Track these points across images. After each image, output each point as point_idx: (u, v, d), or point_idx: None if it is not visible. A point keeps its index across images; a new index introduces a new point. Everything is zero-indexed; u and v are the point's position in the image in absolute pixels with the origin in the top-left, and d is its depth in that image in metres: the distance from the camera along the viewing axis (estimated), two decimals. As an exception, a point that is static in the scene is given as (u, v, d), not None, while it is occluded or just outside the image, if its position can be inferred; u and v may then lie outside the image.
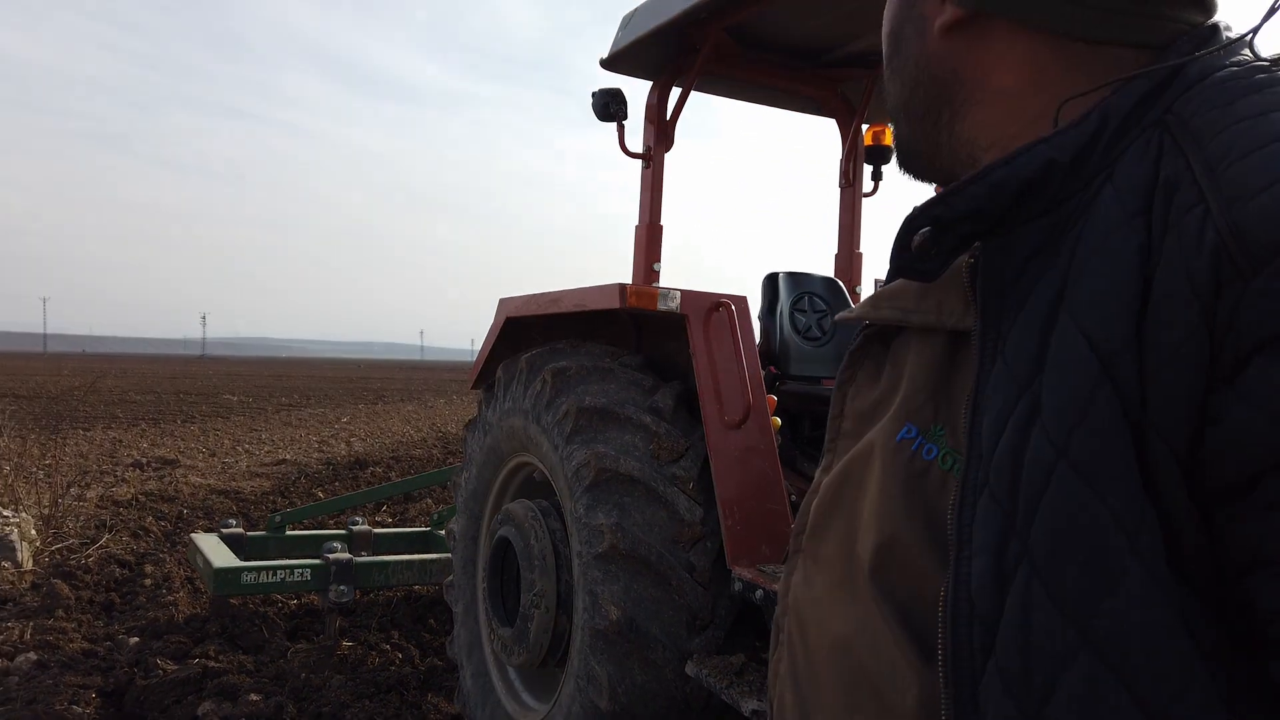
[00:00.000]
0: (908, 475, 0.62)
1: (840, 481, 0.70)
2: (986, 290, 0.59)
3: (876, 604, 0.62)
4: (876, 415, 0.69)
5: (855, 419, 0.72)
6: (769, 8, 2.86)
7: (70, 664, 3.92)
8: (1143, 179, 0.55)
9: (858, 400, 0.72)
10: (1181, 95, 0.58)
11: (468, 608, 3.36)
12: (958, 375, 0.62)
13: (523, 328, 3.37)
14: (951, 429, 0.61)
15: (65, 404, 11.99)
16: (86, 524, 6.76)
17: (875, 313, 0.70)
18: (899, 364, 0.68)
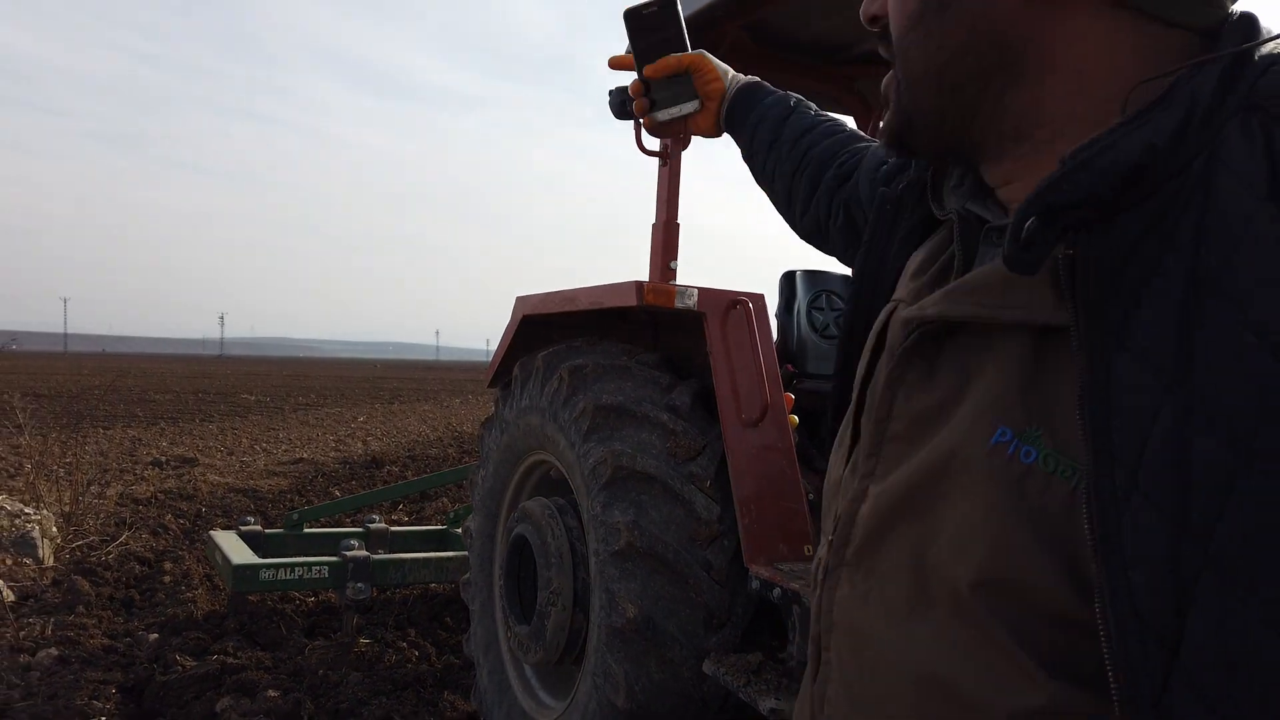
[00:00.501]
0: (1009, 481, 0.58)
1: (907, 490, 0.65)
2: (1090, 282, 0.56)
3: (984, 620, 0.58)
4: (940, 419, 0.64)
5: (910, 422, 0.67)
6: (785, 6, 2.85)
7: (91, 660, 3.95)
8: (1259, 164, 0.55)
9: (911, 402, 0.67)
10: (1258, 80, 0.57)
11: (484, 605, 3.37)
12: (1049, 373, 0.59)
13: (539, 326, 3.37)
14: (1049, 430, 0.58)
15: (85, 403, 12.13)
16: (106, 521, 6.82)
17: (956, 309, 0.64)
18: (964, 363, 0.64)
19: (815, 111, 1.24)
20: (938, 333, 0.66)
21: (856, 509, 0.70)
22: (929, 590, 0.62)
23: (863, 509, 0.70)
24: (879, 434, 0.69)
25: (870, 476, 0.70)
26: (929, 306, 0.66)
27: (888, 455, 0.68)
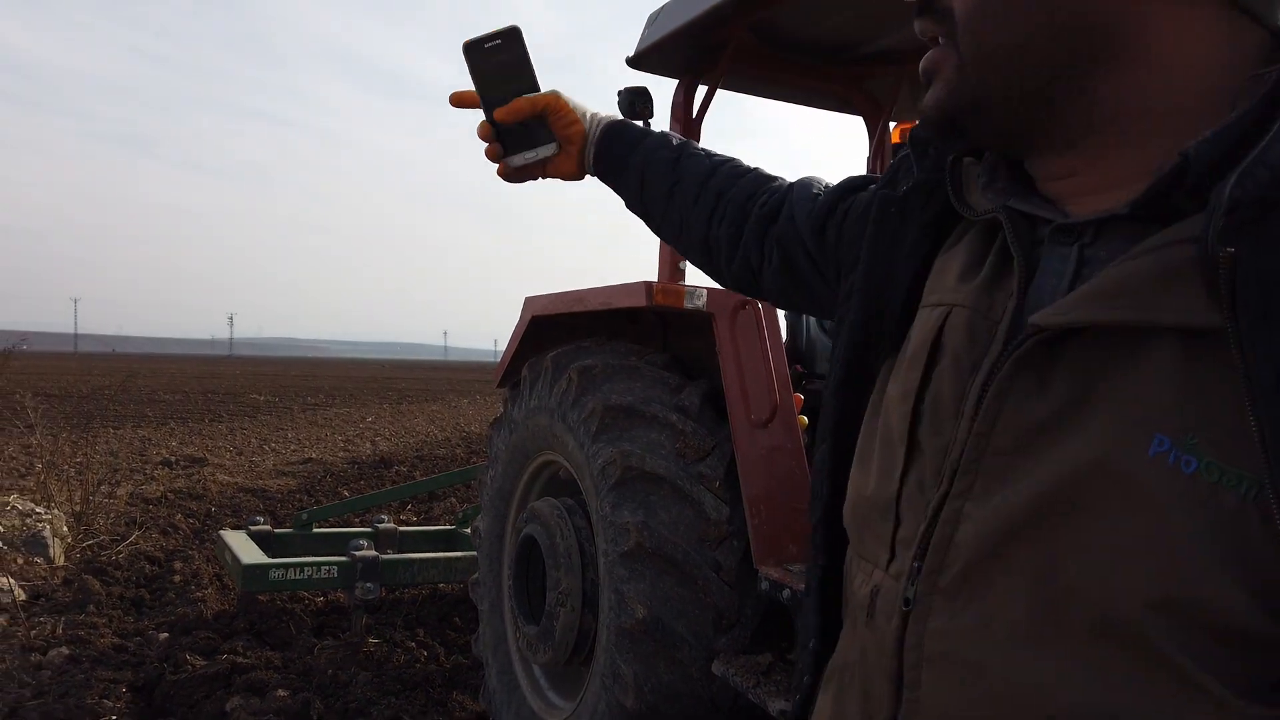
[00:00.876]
0: (1175, 492, 0.55)
1: (1032, 507, 0.60)
2: (1252, 282, 0.53)
3: (1154, 644, 0.55)
4: (1062, 429, 0.60)
5: (1020, 434, 0.62)
6: (793, 6, 2.84)
7: (101, 659, 3.97)
8: None
9: (1022, 413, 0.62)
10: None
11: (493, 605, 3.37)
12: (1204, 378, 0.56)
13: (548, 326, 3.37)
14: (1208, 438, 0.55)
15: (96, 403, 12.14)
16: (117, 521, 6.84)
17: (1106, 314, 0.59)
18: (1088, 370, 0.60)
19: (703, 150, 1.17)
20: (1053, 339, 0.61)
21: (951, 532, 0.64)
22: (1066, 615, 0.58)
23: (962, 531, 0.63)
24: (979, 448, 0.63)
25: (966, 495, 0.63)
26: (1069, 311, 0.60)
27: (991, 471, 0.63)
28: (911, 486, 0.70)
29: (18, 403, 10.66)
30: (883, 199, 0.84)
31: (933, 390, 0.70)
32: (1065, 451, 0.59)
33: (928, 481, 0.68)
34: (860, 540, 0.76)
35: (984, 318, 0.69)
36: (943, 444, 0.68)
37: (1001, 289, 0.69)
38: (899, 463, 0.71)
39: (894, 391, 0.74)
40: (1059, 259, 0.67)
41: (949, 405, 0.68)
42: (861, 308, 0.82)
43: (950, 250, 0.78)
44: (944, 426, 0.68)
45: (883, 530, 0.72)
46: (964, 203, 0.76)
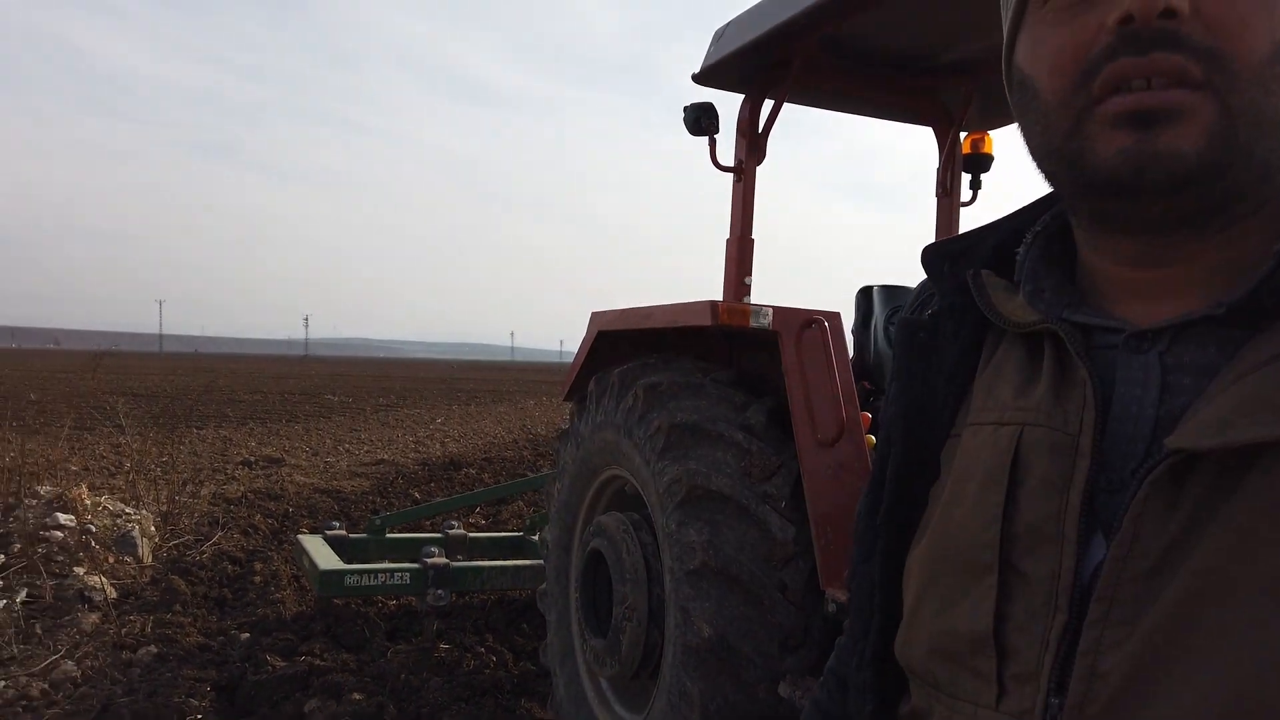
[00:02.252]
0: None
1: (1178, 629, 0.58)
2: None
3: None
4: (1191, 546, 0.59)
5: (1156, 556, 0.60)
6: (863, 18, 2.82)
7: (187, 657, 4.13)
8: None
9: (1157, 536, 0.60)
10: None
11: (561, 616, 3.41)
12: None
13: (615, 341, 3.41)
14: None
15: (181, 403, 12.64)
16: (200, 521, 7.10)
17: (1252, 433, 0.57)
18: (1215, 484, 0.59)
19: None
20: (1184, 458, 0.59)
21: (1092, 660, 0.61)
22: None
23: (1107, 660, 0.60)
24: (1116, 573, 0.61)
25: (1104, 622, 0.60)
26: (1212, 435, 0.58)
27: (1129, 596, 0.60)
28: (1018, 617, 0.65)
29: (108, 403, 11.16)
30: (909, 325, 0.82)
31: (1022, 514, 0.66)
32: (1209, 568, 0.58)
33: (1037, 610, 0.64)
34: (947, 680, 0.70)
35: (1063, 434, 0.66)
36: (1048, 569, 0.64)
37: (1071, 401, 0.67)
38: (990, 593, 0.67)
39: (967, 517, 0.69)
40: (1139, 368, 0.65)
41: (1046, 528, 0.65)
42: (905, 434, 0.79)
43: (991, 366, 0.75)
44: (1044, 551, 0.65)
45: (982, 665, 0.67)
46: (1000, 315, 0.74)
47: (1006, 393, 0.71)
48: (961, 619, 0.68)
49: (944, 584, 0.70)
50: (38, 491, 6.41)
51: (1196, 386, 0.62)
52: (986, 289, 0.76)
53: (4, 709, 3.51)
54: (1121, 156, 0.62)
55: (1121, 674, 0.60)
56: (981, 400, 0.74)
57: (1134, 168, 0.62)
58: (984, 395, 0.74)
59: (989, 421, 0.72)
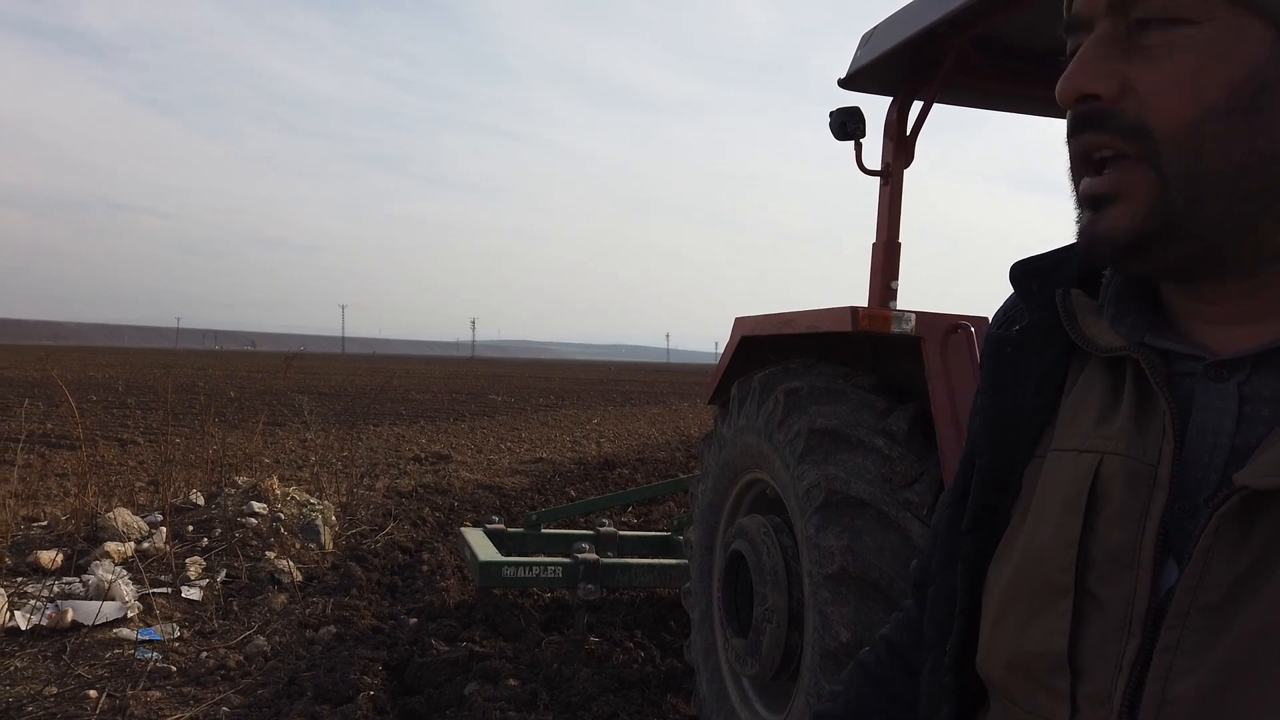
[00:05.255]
0: None
1: (1247, 661, 0.59)
2: None
3: None
4: (1260, 580, 0.59)
5: (1226, 587, 0.61)
6: (1015, 16, 2.75)
7: (362, 639, 4.47)
8: None
9: (1228, 567, 0.61)
10: None
11: (704, 615, 3.49)
12: None
13: (758, 345, 3.45)
14: None
15: (360, 402, 13.57)
16: (375, 512, 7.61)
17: None
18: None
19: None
20: (1261, 492, 0.60)
21: (1162, 686, 0.62)
22: None
23: (1178, 687, 0.61)
24: (1186, 602, 0.62)
25: (1175, 649, 0.62)
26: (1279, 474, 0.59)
27: (1199, 625, 0.61)
28: (1093, 639, 0.67)
29: (296, 402, 12.10)
30: (997, 340, 0.82)
31: (1100, 540, 0.68)
32: (1273, 598, 0.58)
33: (1111, 634, 0.66)
34: (1024, 695, 0.72)
35: (1141, 462, 0.67)
36: (1123, 594, 0.66)
37: (1150, 430, 0.67)
38: (1065, 614, 0.68)
39: (1047, 541, 0.71)
40: (1217, 397, 0.65)
41: (1122, 555, 0.66)
42: (992, 451, 0.79)
43: (1076, 390, 0.76)
44: (1120, 577, 0.66)
45: (1057, 685, 0.68)
46: (1085, 338, 0.74)
47: (1089, 419, 0.72)
48: (1039, 638, 0.69)
49: (1024, 603, 0.71)
50: (236, 481, 7.08)
51: (1275, 417, 0.62)
52: (1074, 310, 0.76)
53: (206, 676, 3.92)
54: (1080, 234, 0.69)
55: (1190, 702, 0.61)
56: (1065, 425, 0.74)
57: (1087, 245, 0.69)
58: (1068, 420, 0.74)
59: (1070, 448, 0.72)
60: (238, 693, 3.79)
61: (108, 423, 13.69)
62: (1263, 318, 0.65)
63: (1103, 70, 0.65)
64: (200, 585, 4.98)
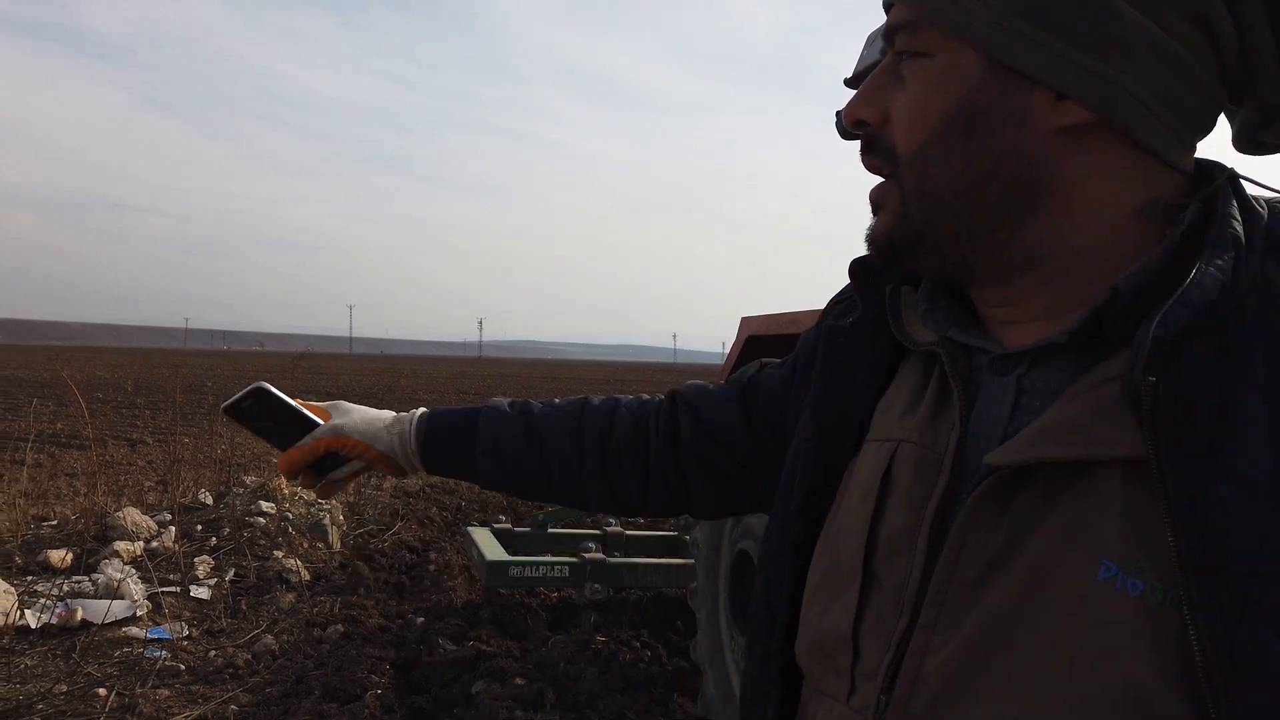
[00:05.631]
0: (1122, 617, 0.57)
1: (990, 637, 0.61)
2: (1176, 412, 0.57)
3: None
4: (1015, 560, 0.62)
5: (981, 568, 0.63)
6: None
7: (369, 637, 4.48)
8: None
9: (983, 547, 0.63)
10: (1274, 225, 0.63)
11: (710, 615, 3.49)
12: (1145, 505, 0.58)
13: (764, 346, 3.45)
14: (1151, 562, 0.57)
15: (368, 401, 13.62)
16: (382, 512, 7.63)
17: (1053, 450, 0.61)
18: (1039, 501, 0.62)
19: (540, 404, 1.11)
20: (1011, 475, 0.63)
21: (919, 663, 0.65)
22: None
23: (930, 662, 0.64)
24: (944, 581, 0.65)
25: (933, 627, 0.65)
26: (1024, 450, 0.62)
27: (955, 603, 0.64)
28: (871, 619, 0.70)
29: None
30: (830, 330, 0.85)
31: (886, 524, 0.71)
32: (1018, 581, 0.61)
33: (887, 614, 0.69)
34: (819, 674, 0.75)
35: (930, 450, 0.70)
36: (900, 577, 0.68)
37: (944, 420, 0.70)
38: (854, 596, 0.71)
39: (845, 525, 0.74)
40: (998, 389, 0.69)
41: (903, 539, 0.69)
42: (819, 438, 0.81)
43: (894, 383, 0.79)
44: (899, 559, 0.69)
45: (842, 663, 0.72)
46: (904, 333, 0.77)
47: (895, 412, 0.75)
48: (832, 620, 0.73)
49: (826, 588, 0.75)
50: (244, 481, 7.10)
51: (1041, 409, 0.65)
52: (900, 306, 0.79)
53: (214, 675, 3.94)
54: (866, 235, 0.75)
55: (941, 678, 0.63)
56: (880, 417, 0.77)
57: (866, 245, 0.75)
58: (883, 412, 0.77)
59: (877, 438, 0.76)
60: (246, 691, 3.80)
61: (117, 423, 13.75)
62: (1038, 318, 0.69)
63: (873, 99, 0.71)
64: (209, 584, 5.00)
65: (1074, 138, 0.64)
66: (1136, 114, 0.63)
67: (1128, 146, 0.64)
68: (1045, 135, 0.64)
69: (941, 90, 0.66)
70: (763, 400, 0.98)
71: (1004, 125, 0.64)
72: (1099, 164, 0.64)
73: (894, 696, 0.66)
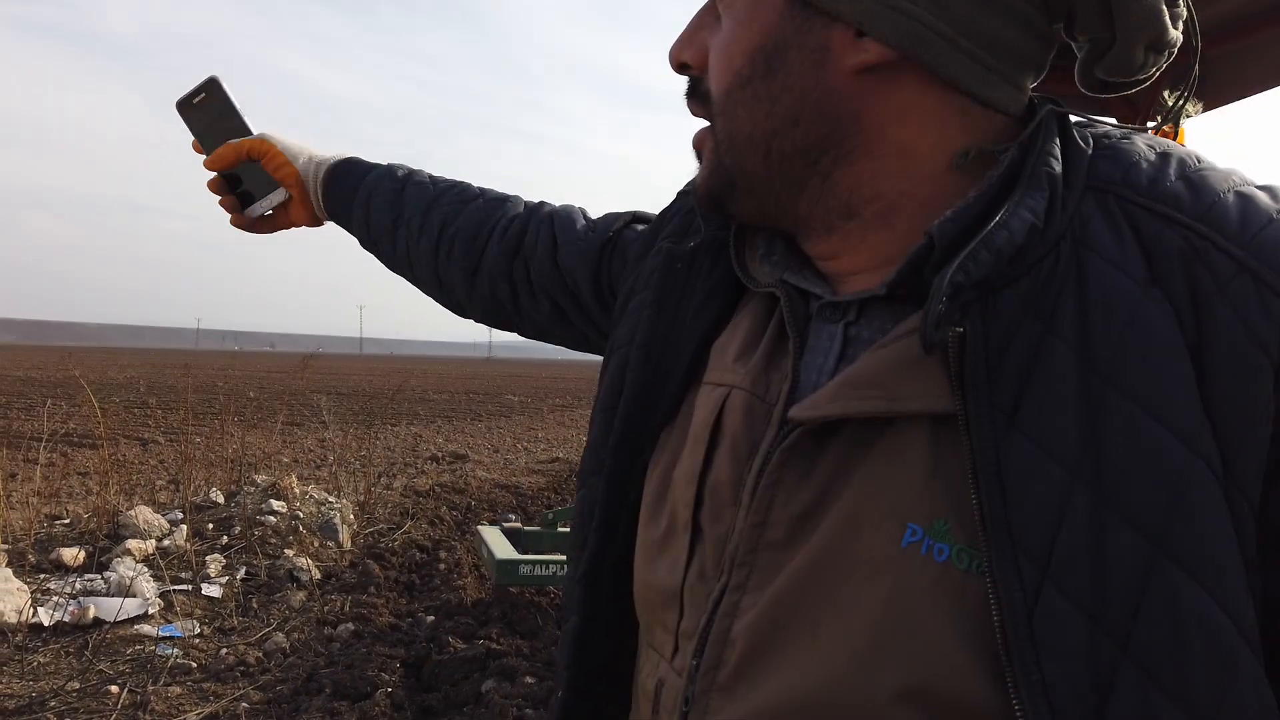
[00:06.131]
0: (927, 583, 0.53)
1: (796, 600, 0.58)
2: (980, 363, 0.53)
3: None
4: (824, 518, 0.58)
5: (789, 526, 0.60)
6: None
7: (379, 636, 4.49)
8: (1130, 247, 0.55)
9: (791, 505, 0.60)
10: (1095, 163, 0.59)
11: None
12: (952, 463, 0.54)
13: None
14: (958, 524, 0.53)
15: (377, 402, 13.67)
16: (393, 511, 7.64)
17: (858, 405, 0.57)
18: (848, 457, 0.58)
19: (430, 177, 1.10)
20: (818, 427, 0.60)
21: (729, 625, 0.61)
22: (831, 710, 0.55)
23: (737, 625, 0.61)
24: (753, 540, 0.61)
25: (742, 588, 0.61)
26: (825, 404, 0.59)
27: (764, 564, 0.60)
28: (694, 576, 0.66)
29: (315, 402, 12.19)
30: (669, 254, 0.77)
31: (713, 476, 0.66)
32: (824, 542, 0.57)
33: (709, 572, 0.65)
34: (649, 629, 0.72)
35: (761, 400, 0.66)
36: (723, 532, 0.64)
37: (778, 369, 0.66)
38: (684, 550, 0.67)
39: (680, 474, 0.69)
40: (826, 338, 0.65)
41: (728, 492, 0.64)
42: (643, 368, 0.75)
43: (734, 322, 0.73)
44: (723, 514, 0.64)
45: (669, 621, 0.68)
46: (746, 272, 0.72)
47: (731, 354, 0.71)
48: (662, 573, 0.69)
49: (657, 536, 0.70)
50: (255, 480, 7.13)
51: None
52: (747, 241, 0.74)
53: (225, 673, 3.95)
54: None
55: (745, 643, 0.60)
56: (716, 356, 0.72)
57: (692, 194, 0.73)
58: (719, 352, 0.72)
59: (711, 381, 0.71)
60: (257, 689, 3.81)
61: (129, 422, 13.82)
62: (868, 268, 0.65)
63: (694, 39, 0.68)
64: (220, 582, 5.01)
65: (880, 78, 0.60)
66: (941, 50, 0.59)
67: (939, 87, 0.60)
68: (848, 75, 0.60)
69: (747, 28, 0.63)
70: (616, 267, 0.93)
71: (804, 65, 0.61)
72: (910, 106, 0.60)
73: (704, 660, 0.62)
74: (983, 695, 0.51)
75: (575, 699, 0.79)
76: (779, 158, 0.63)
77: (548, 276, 0.98)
